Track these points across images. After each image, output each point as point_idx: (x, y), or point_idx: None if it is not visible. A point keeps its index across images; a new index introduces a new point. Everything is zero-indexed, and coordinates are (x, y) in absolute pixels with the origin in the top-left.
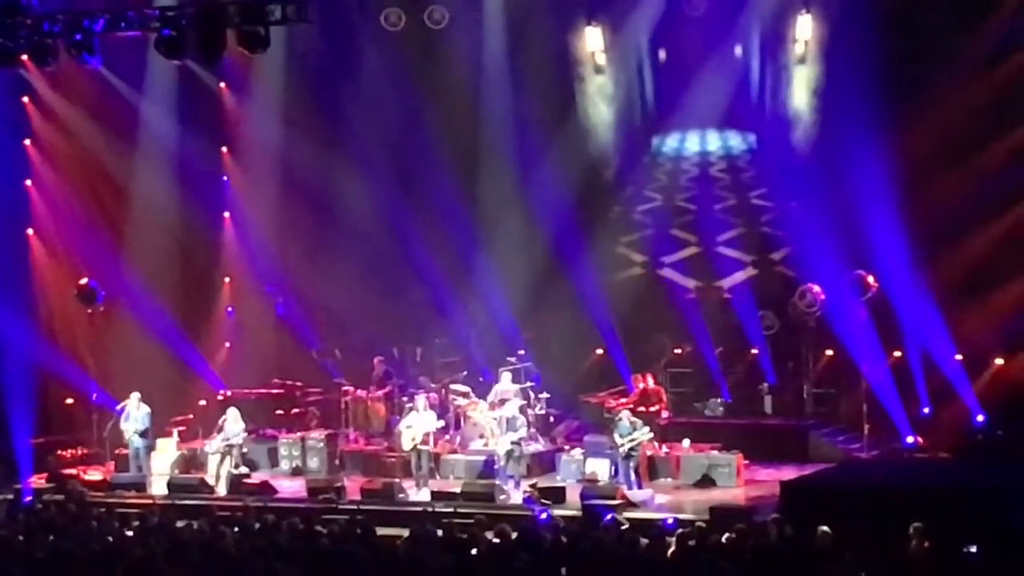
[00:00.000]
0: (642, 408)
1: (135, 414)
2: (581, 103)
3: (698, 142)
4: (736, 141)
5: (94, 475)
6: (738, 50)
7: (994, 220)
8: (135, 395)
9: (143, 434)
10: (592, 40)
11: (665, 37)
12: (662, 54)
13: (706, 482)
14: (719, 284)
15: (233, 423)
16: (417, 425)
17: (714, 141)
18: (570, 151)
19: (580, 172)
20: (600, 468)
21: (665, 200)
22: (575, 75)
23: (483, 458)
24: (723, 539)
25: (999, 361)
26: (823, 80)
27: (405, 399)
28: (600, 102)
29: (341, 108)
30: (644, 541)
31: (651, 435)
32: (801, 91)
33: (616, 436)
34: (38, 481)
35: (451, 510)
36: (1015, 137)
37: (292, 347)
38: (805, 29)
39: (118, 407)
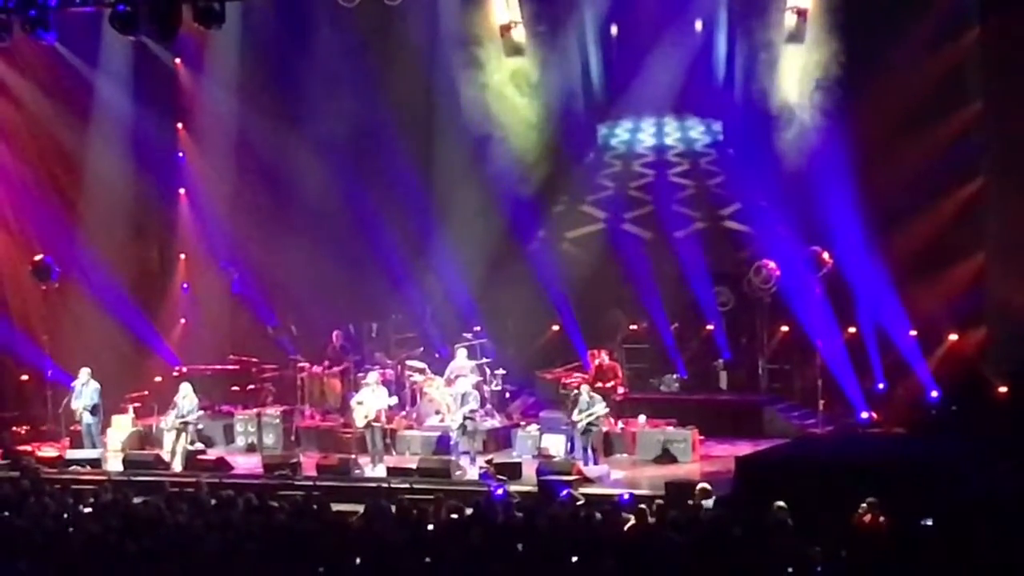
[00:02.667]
0: (598, 384)
1: (84, 390)
2: (469, 91)
3: (653, 132)
4: (698, 131)
5: (48, 451)
6: (698, 25)
7: (947, 196)
8: (85, 371)
9: (92, 410)
10: (500, 13)
11: (616, 10)
12: (613, 29)
13: (665, 458)
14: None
15: (186, 399)
16: (369, 401)
17: (672, 131)
18: (521, 131)
19: (531, 152)
20: (556, 444)
21: (617, 189)
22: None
23: (439, 434)
24: (677, 514)
25: (953, 337)
26: (832, 61)
27: (361, 375)
28: (517, 87)
29: (297, 84)
30: (599, 516)
31: (607, 411)
32: (793, 74)
33: (576, 412)
34: None
35: (407, 486)
36: (966, 114)
37: (248, 323)
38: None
39: (73, 383)
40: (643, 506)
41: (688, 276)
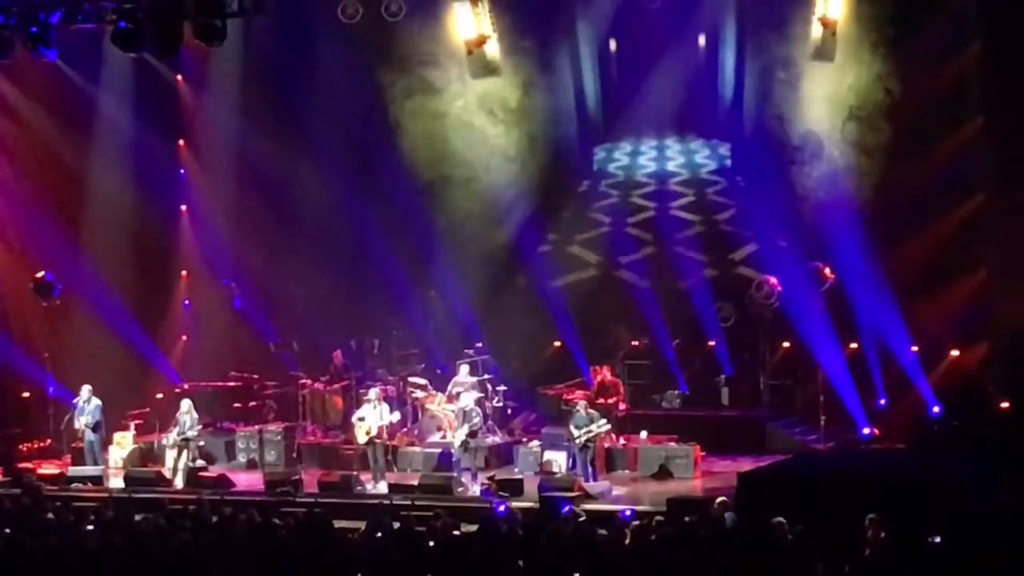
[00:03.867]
0: (600, 400)
1: (87, 407)
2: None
3: (654, 156)
4: (702, 154)
5: (50, 469)
6: (702, 40)
7: (950, 212)
8: (86, 388)
9: (95, 428)
10: (466, 26)
11: (616, 23)
12: (612, 45)
13: (664, 474)
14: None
15: (188, 416)
16: (370, 418)
17: (675, 154)
18: (495, 166)
19: (533, 170)
20: (558, 460)
21: (614, 225)
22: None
23: (441, 451)
24: (679, 530)
25: (954, 353)
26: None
27: (363, 392)
28: (490, 113)
29: (298, 101)
30: (602, 532)
31: (608, 427)
32: (821, 98)
33: (572, 428)
34: None
35: (409, 503)
36: (968, 130)
37: (249, 340)
38: (835, 7)
39: (74, 400)
40: (642, 521)
41: (690, 293)
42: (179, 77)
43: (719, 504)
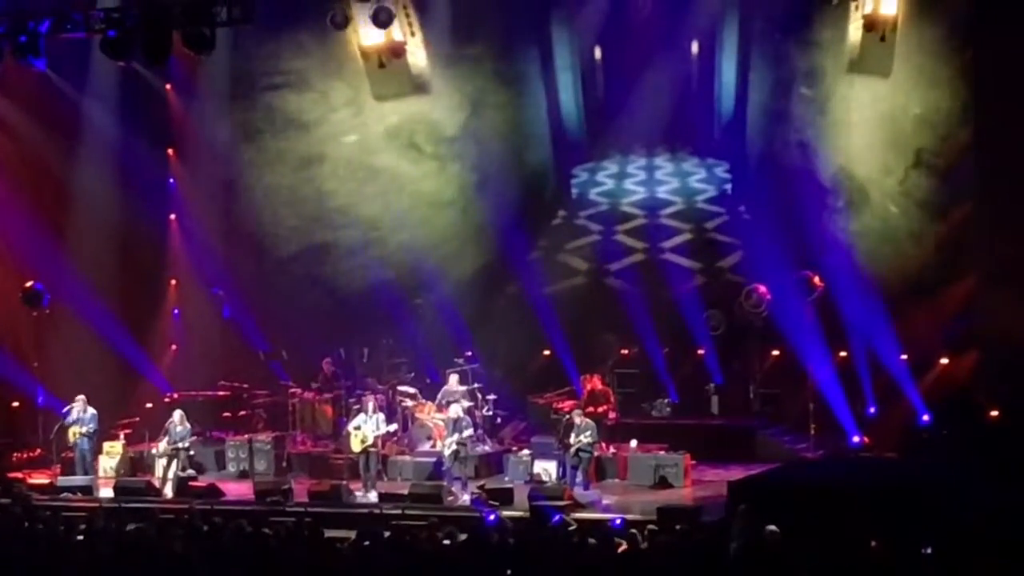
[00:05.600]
0: (590, 409)
1: (83, 417)
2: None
3: (643, 177)
4: (697, 176)
5: (40, 479)
6: (695, 47)
7: (938, 220)
8: (81, 398)
9: (91, 436)
10: (369, 30)
11: (601, 33)
12: (597, 54)
13: (660, 483)
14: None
15: (179, 425)
16: (366, 427)
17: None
18: (467, 185)
19: (521, 180)
20: (548, 469)
21: (591, 275)
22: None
23: (431, 460)
24: (670, 540)
25: (944, 361)
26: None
27: (352, 401)
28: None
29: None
30: (592, 542)
31: (596, 438)
32: (865, 126)
33: (564, 437)
34: None
35: (399, 512)
36: (958, 139)
37: (239, 349)
38: (889, 4)
39: (64, 410)
40: (633, 531)
41: (679, 302)
42: (168, 86)
43: (741, 512)
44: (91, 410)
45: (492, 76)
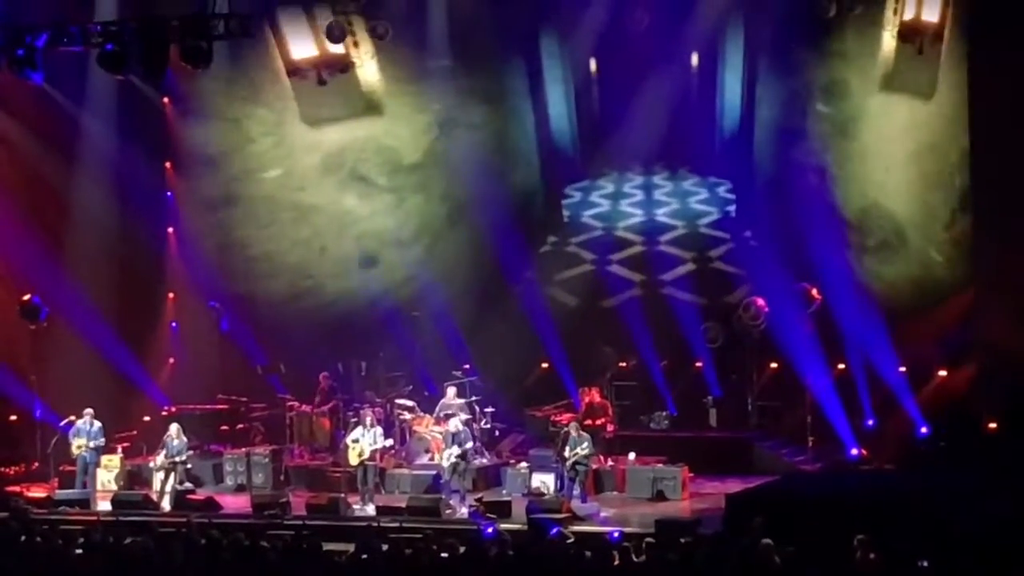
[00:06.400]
0: (588, 421)
1: (89, 430)
2: None
3: (641, 198)
4: (698, 197)
5: (37, 492)
6: (695, 59)
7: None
8: (89, 411)
9: (97, 450)
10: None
11: (601, 48)
12: (592, 66)
13: (658, 496)
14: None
15: (175, 438)
16: (363, 440)
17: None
18: (492, 180)
19: (506, 205)
20: (546, 482)
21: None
22: None
23: (429, 473)
24: (669, 553)
25: (942, 373)
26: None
27: (350, 414)
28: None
29: None
30: (589, 554)
31: (593, 451)
32: (907, 154)
33: (567, 449)
34: None
35: (397, 525)
36: (956, 150)
37: (237, 362)
38: (932, 10)
39: (62, 423)
40: (631, 543)
41: (677, 314)
42: (165, 99)
43: (758, 523)
44: (97, 423)
45: (467, 92)
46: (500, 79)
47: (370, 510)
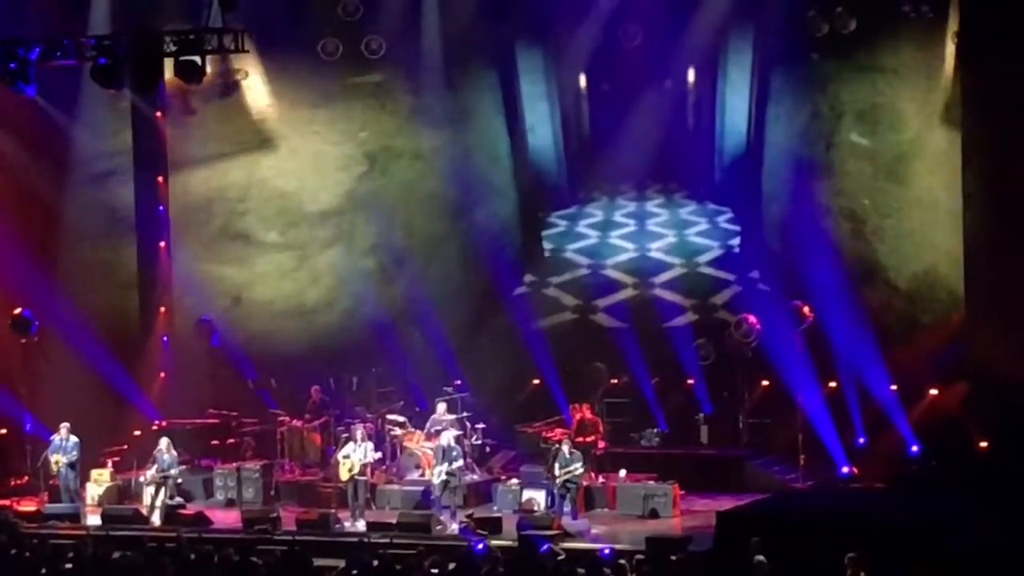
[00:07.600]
0: (579, 438)
1: (64, 445)
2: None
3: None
4: (697, 228)
5: (27, 506)
6: (691, 74)
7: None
8: (65, 426)
9: (72, 465)
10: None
11: (592, 64)
12: (582, 83)
13: (649, 513)
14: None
15: (165, 453)
16: (354, 456)
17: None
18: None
19: (466, 246)
20: (537, 498)
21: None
22: None
23: (419, 489)
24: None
25: (933, 392)
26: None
27: (341, 429)
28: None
29: None
30: (581, 571)
31: (584, 468)
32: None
33: (556, 466)
34: None
35: (387, 541)
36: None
37: (228, 377)
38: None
39: (52, 437)
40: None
41: (670, 333)
42: (158, 113)
43: (755, 544)
44: (73, 438)
45: (409, 114)
46: (459, 95)
47: (360, 526)
